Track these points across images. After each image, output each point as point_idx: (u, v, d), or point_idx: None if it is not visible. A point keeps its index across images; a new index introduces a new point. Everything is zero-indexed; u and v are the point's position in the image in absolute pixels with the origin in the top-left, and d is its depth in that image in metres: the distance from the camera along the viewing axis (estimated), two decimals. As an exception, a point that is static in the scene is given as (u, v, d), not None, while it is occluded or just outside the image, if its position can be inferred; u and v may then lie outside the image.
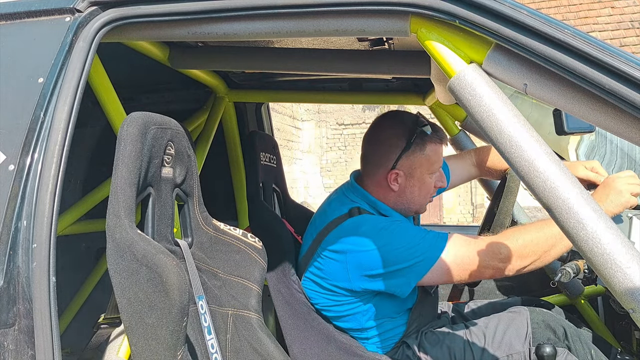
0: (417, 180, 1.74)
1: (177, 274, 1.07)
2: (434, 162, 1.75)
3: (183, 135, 1.34)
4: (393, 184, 1.73)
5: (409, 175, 1.73)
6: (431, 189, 1.78)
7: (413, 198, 1.76)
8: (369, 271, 1.62)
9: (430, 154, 1.73)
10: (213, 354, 1.28)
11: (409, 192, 1.75)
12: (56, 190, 1.10)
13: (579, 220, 0.97)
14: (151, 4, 1.21)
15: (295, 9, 1.17)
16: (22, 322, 1.06)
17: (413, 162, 1.72)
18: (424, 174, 1.74)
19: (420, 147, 1.72)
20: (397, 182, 1.73)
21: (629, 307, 0.95)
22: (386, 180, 1.73)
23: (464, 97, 1.08)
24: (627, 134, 1.01)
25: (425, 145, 1.72)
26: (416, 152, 1.72)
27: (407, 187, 1.74)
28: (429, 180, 1.75)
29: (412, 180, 1.74)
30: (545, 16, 1.03)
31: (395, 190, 1.74)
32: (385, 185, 1.74)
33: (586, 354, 1.63)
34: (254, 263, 1.45)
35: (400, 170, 1.72)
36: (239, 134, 2.47)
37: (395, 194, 1.75)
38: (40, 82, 1.16)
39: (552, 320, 1.68)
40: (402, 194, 1.75)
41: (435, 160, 1.75)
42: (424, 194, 1.77)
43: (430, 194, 1.79)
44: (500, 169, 2.05)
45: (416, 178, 1.74)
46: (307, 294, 1.71)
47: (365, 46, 1.73)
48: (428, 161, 1.73)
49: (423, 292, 1.75)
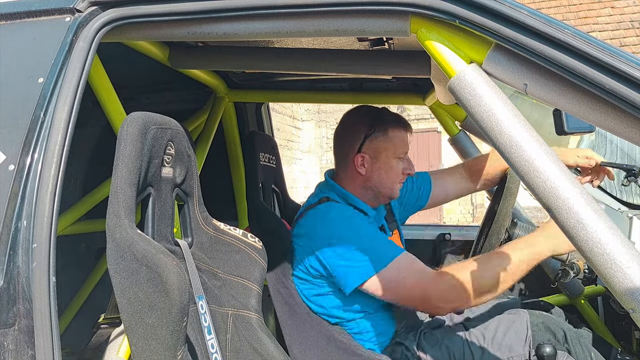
0: (383, 163, 1.82)
1: (177, 274, 1.07)
2: (398, 146, 1.82)
3: (183, 135, 1.34)
4: (360, 168, 1.81)
5: (375, 158, 1.81)
6: (399, 173, 1.84)
7: (381, 181, 1.83)
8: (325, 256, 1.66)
9: (394, 138, 1.82)
10: (213, 354, 1.28)
11: (376, 175, 1.82)
12: (56, 190, 1.10)
13: (579, 220, 0.96)
14: (151, 4, 1.21)
15: (295, 9, 1.17)
16: (22, 322, 1.06)
17: (377, 146, 1.81)
18: (390, 158, 1.82)
19: (382, 131, 1.81)
20: (364, 166, 1.81)
21: (629, 307, 0.95)
22: (354, 166, 1.82)
23: (464, 97, 1.08)
24: (627, 134, 1.01)
25: (387, 130, 1.81)
26: (379, 136, 1.81)
27: (374, 170, 1.82)
28: (395, 165, 1.83)
29: (378, 164, 1.81)
30: (545, 16, 1.03)
31: (363, 174, 1.82)
32: (354, 172, 1.82)
33: (586, 356, 1.63)
34: (254, 263, 1.45)
35: (365, 153, 1.81)
36: (239, 134, 2.47)
37: (363, 178, 1.82)
38: (40, 82, 1.16)
39: (551, 323, 1.68)
40: (370, 177, 1.82)
41: (399, 144, 1.83)
42: (392, 178, 1.84)
43: (398, 178, 1.85)
44: (495, 175, 2.08)
45: (382, 161, 1.81)
46: (297, 289, 1.73)
47: (365, 46, 1.73)
48: (392, 145, 1.82)
49: None
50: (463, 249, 2.59)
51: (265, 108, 2.76)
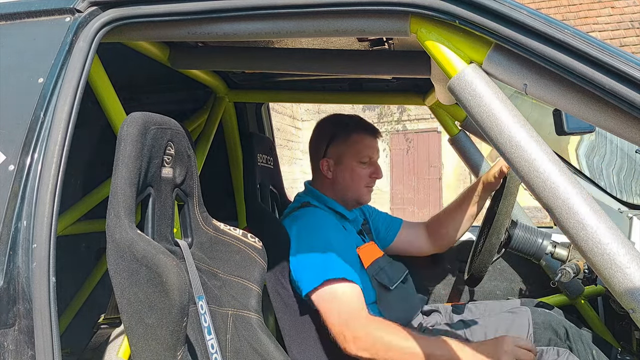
0: (346, 167, 1.86)
1: (177, 274, 1.07)
2: (359, 150, 1.86)
3: (183, 135, 1.34)
4: (327, 173, 1.88)
5: (338, 162, 1.87)
6: (364, 177, 1.88)
7: (346, 185, 1.87)
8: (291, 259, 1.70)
9: (356, 142, 1.87)
10: (213, 354, 1.28)
11: (340, 179, 1.87)
12: (56, 190, 1.10)
13: (579, 221, 0.96)
14: (151, 4, 1.21)
15: (295, 9, 1.16)
16: (22, 322, 1.06)
17: (340, 150, 1.87)
18: (352, 162, 1.86)
19: (344, 136, 1.87)
20: (330, 170, 1.87)
21: (629, 307, 0.95)
22: (321, 170, 1.88)
23: (464, 97, 1.08)
24: (627, 134, 1.01)
25: (349, 134, 1.87)
26: (340, 141, 1.87)
27: (338, 174, 1.87)
28: (358, 169, 1.87)
29: (341, 167, 1.87)
30: (545, 16, 1.03)
31: (330, 178, 1.88)
32: (323, 176, 1.89)
33: (587, 354, 1.63)
34: (254, 263, 1.45)
35: (330, 158, 1.87)
36: (239, 134, 2.47)
37: (330, 182, 1.89)
38: (40, 82, 1.16)
39: (553, 321, 1.68)
40: (335, 181, 1.88)
41: (362, 149, 1.87)
42: (356, 182, 1.87)
43: (364, 182, 1.88)
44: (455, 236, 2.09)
45: (344, 165, 1.86)
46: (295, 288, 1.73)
47: (365, 46, 1.73)
48: (354, 148, 1.86)
49: (380, 287, 1.78)
50: (463, 249, 2.59)
51: (265, 108, 2.76)
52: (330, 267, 1.63)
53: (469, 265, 1.92)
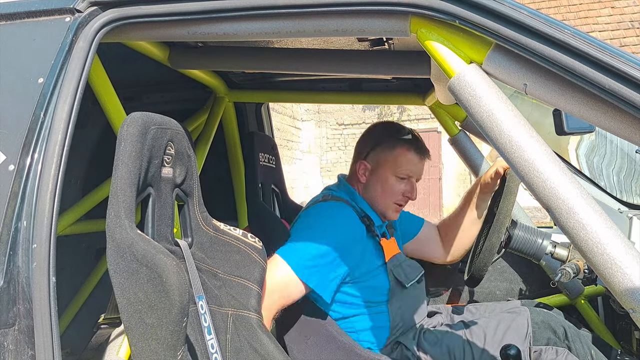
0: (381, 177, 1.81)
1: (177, 274, 1.07)
2: (400, 164, 1.79)
3: (183, 135, 1.34)
4: (361, 176, 1.83)
5: (374, 170, 1.82)
6: (396, 193, 1.81)
7: (375, 196, 1.82)
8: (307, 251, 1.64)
9: (399, 155, 1.80)
10: (213, 354, 1.28)
11: (372, 188, 1.82)
12: (56, 190, 1.10)
13: (579, 221, 0.96)
14: (151, 4, 1.21)
15: (295, 9, 1.17)
16: (22, 322, 1.06)
17: (380, 158, 1.81)
18: (388, 174, 1.80)
19: (390, 146, 1.81)
20: (365, 175, 1.83)
21: (629, 307, 0.95)
22: (356, 171, 1.84)
23: (464, 97, 1.08)
24: (627, 134, 1.01)
25: (395, 146, 1.80)
26: (385, 150, 1.81)
27: (371, 181, 1.82)
28: (392, 182, 1.80)
29: (376, 176, 1.81)
30: (545, 16, 1.03)
31: (363, 182, 1.84)
32: (356, 178, 1.85)
33: (586, 354, 1.63)
34: (254, 263, 1.45)
35: (368, 162, 1.82)
36: (239, 134, 2.47)
37: (362, 186, 1.84)
38: (40, 82, 1.16)
39: (552, 320, 1.68)
40: (367, 188, 1.83)
41: (402, 163, 1.79)
42: (387, 195, 1.81)
43: (394, 198, 1.81)
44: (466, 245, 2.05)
45: (379, 175, 1.81)
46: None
47: (365, 46, 1.73)
48: (394, 162, 1.80)
49: (396, 283, 1.76)
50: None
51: (265, 108, 2.76)
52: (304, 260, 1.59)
53: (469, 265, 1.92)
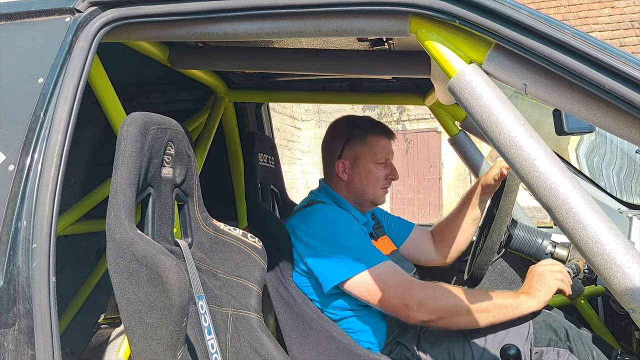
0: (362, 169, 1.87)
1: (177, 274, 1.07)
2: (376, 152, 1.87)
3: (183, 135, 1.34)
4: (342, 174, 1.88)
5: (354, 164, 1.87)
6: (380, 178, 1.89)
7: (362, 187, 1.88)
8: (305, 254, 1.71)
9: (372, 144, 1.87)
10: (213, 354, 1.28)
11: (357, 181, 1.88)
12: (56, 190, 1.10)
13: (579, 221, 0.96)
14: (151, 4, 1.21)
15: (295, 9, 1.17)
16: (22, 322, 1.06)
17: (356, 152, 1.87)
18: (369, 163, 1.87)
19: (361, 137, 1.87)
20: (346, 172, 1.88)
21: (629, 307, 0.95)
22: (336, 172, 1.88)
23: (464, 97, 1.08)
24: (627, 134, 1.01)
25: (366, 136, 1.87)
26: (358, 142, 1.87)
27: (354, 176, 1.88)
28: (375, 170, 1.87)
29: (358, 169, 1.87)
30: (545, 16, 1.03)
31: (345, 180, 1.88)
32: (338, 178, 1.89)
33: (588, 355, 1.63)
34: (254, 263, 1.45)
35: (346, 160, 1.88)
36: (239, 134, 2.47)
37: (346, 184, 1.89)
38: (40, 82, 1.16)
39: (553, 321, 1.68)
40: (351, 183, 1.88)
41: (378, 150, 1.87)
42: (372, 183, 1.88)
43: (380, 183, 1.89)
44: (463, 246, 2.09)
45: (361, 167, 1.87)
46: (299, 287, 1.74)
47: (365, 46, 1.73)
48: (371, 150, 1.87)
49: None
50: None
51: (265, 108, 2.76)
52: (365, 253, 1.66)
53: (469, 264, 1.92)
